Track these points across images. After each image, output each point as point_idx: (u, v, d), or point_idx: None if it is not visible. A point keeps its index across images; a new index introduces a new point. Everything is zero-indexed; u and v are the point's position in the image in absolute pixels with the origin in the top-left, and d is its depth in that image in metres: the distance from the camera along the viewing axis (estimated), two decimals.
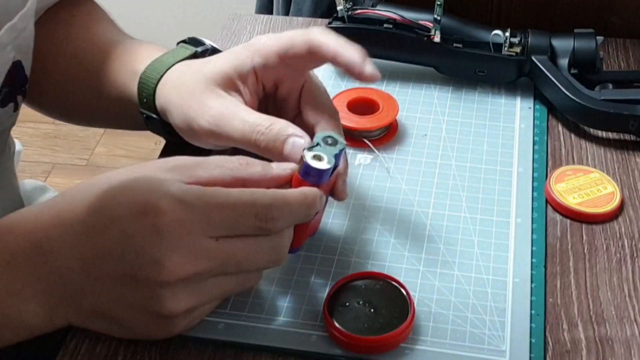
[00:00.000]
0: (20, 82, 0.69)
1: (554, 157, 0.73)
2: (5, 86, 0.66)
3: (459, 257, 0.62)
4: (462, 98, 0.80)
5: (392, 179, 0.70)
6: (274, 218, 0.52)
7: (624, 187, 0.70)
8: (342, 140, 0.57)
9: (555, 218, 0.67)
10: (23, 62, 0.68)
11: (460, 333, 0.57)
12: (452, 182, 0.70)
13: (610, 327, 0.58)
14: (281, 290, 0.60)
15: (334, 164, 0.55)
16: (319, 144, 0.56)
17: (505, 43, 0.78)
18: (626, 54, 0.87)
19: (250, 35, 0.90)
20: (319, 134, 0.57)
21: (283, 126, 0.59)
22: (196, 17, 2.23)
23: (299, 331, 0.57)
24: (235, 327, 0.57)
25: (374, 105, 0.75)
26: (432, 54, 0.79)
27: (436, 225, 0.65)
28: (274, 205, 0.52)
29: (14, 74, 0.67)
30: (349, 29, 0.80)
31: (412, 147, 0.73)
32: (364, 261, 0.62)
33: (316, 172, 0.55)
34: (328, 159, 0.55)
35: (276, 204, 0.52)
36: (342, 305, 0.57)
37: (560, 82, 0.75)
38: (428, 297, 0.59)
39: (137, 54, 0.72)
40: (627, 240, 0.65)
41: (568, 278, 0.62)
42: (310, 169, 0.55)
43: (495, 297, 0.59)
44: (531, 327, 0.57)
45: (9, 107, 0.69)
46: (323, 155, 0.55)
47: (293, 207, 0.53)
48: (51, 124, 2.17)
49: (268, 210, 0.52)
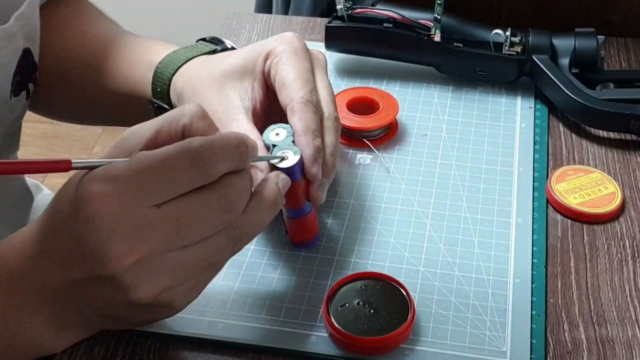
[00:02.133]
0: (30, 70, 0.69)
1: (555, 157, 0.73)
2: (16, 75, 0.66)
3: (459, 257, 0.62)
4: (462, 97, 0.79)
5: (392, 179, 0.70)
6: (208, 158, 0.48)
7: (625, 187, 0.69)
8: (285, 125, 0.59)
9: (556, 218, 0.66)
10: (32, 49, 0.68)
11: (461, 334, 0.56)
12: (453, 182, 0.69)
13: (612, 327, 0.58)
14: (281, 291, 0.60)
15: (300, 153, 0.57)
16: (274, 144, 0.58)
17: (505, 42, 0.78)
18: (627, 53, 0.87)
19: (250, 34, 0.90)
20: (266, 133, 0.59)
21: None
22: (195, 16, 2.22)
23: (299, 331, 0.57)
24: (234, 327, 0.57)
25: (374, 105, 0.75)
26: (432, 53, 0.79)
27: (436, 225, 0.65)
28: (203, 146, 0.49)
29: (24, 62, 0.67)
30: (348, 28, 0.80)
31: (412, 147, 0.73)
32: (363, 261, 0.62)
33: (289, 170, 0.56)
34: (294, 151, 0.57)
35: (205, 145, 0.49)
36: (341, 306, 0.57)
37: (561, 81, 0.75)
38: (428, 298, 0.59)
39: (151, 48, 0.72)
40: (629, 240, 0.64)
41: (569, 278, 0.61)
42: (282, 171, 0.56)
43: (496, 297, 0.59)
44: (532, 327, 0.57)
45: (22, 96, 0.69)
46: (287, 151, 0.57)
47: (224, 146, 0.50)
48: (49, 123, 2.15)
49: (199, 152, 0.48)
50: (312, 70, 0.62)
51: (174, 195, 0.48)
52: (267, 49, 0.63)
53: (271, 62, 0.62)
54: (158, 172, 0.48)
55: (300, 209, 0.59)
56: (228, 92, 0.62)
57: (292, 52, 0.62)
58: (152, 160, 0.48)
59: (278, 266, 0.61)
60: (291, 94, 0.60)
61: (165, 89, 0.67)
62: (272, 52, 0.62)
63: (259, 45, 0.64)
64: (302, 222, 0.61)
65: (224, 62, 0.64)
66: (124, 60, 0.73)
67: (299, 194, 0.58)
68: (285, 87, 0.60)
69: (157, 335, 0.57)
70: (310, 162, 0.57)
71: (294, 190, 0.57)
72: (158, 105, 0.69)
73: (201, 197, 0.49)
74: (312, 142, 0.58)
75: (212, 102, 0.62)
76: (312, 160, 0.57)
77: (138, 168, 0.48)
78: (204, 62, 0.66)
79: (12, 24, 0.64)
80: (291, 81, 0.60)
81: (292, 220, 0.60)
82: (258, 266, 0.61)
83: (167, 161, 0.48)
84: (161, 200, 0.48)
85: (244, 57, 0.64)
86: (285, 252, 0.63)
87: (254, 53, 0.63)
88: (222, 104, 0.62)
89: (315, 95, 0.60)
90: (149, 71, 0.69)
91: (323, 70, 0.64)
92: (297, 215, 0.60)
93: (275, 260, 0.62)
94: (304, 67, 0.61)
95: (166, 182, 0.48)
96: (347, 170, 0.70)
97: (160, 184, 0.48)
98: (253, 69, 0.63)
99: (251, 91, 0.63)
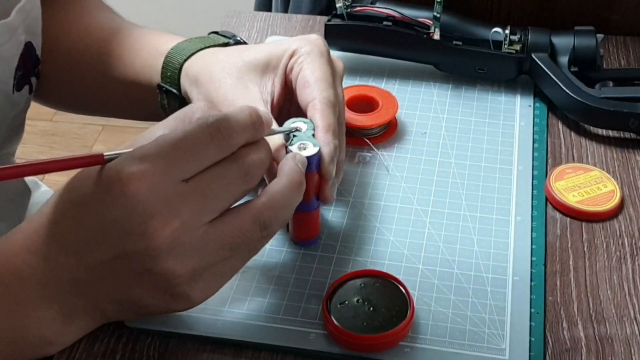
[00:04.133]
0: (32, 64, 0.69)
1: (554, 155, 0.73)
2: (19, 69, 0.66)
3: (459, 255, 0.62)
4: (461, 96, 0.79)
5: (392, 177, 0.70)
6: (226, 130, 0.51)
7: (624, 185, 0.69)
8: (307, 120, 0.60)
9: (555, 216, 0.66)
10: (33, 42, 0.68)
11: (460, 331, 0.57)
12: (452, 180, 0.69)
13: (610, 325, 0.58)
14: (280, 288, 0.60)
15: (319, 146, 0.58)
16: (294, 134, 0.59)
17: (505, 40, 0.78)
18: (626, 51, 0.87)
19: (249, 32, 0.90)
20: (287, 124, 0.60)
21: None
22: (195, 13, 2.22)
23: (298, 329, 0.57)
24: (234, 324, 0.57)
25: (374, 103, 0.75)
26: (431, 51, 0.79)
27: (436, 223, 0.65)
28: (220, 119, 0.51)
29: (26, 56, 0.68)
30: (348, 27, 0.80)
31: (411, 145, 0.73)
32: (363, 259, 0.62)
33: (309, 159, 0.57)
34: (313, 143, 0.58)
35: (222, 118, 0.51)
36: (341, 304, 0.57)
37: (560, 80, 0.75)
38: (427, 296, 0.59)
39: (159, 37, 0.73)
40: (627, 238, 0.65)
41: (568, 276, 0.61)
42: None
43: (495, 295, 0.59)
44: (531, 325, 0.57)
45: (25, 90, 0.69)
46: (307, 143, 0.58)
47: (239, 118, 0.52)
48: (49, 121, 2.16)
49: (217, 126, 0.51)
50: (334, 76, 0.63)
51: (199, 169, 0.50)
52: (293, 48, 0.63)
53: (295, 60, 0.63)
54: (183, 148, 0.50)
55: (309, 203, 0.59)
56: (248, 83, 0.63)
57: (318, 53, 0.63)
58: (175, 138, 0.50)
59: (277, 264, 0.62)
60: (314, 92, 0.61)
61: (176, 74, 0.68)
62: (298, 50, 0.63)
63: (285, 42, 0.65)
64: (307, 218, 0.61)
65: (247, 54, 0.65)
66: (130, 49, 0.73)
67: (310, 187, 0.58)
68: (309, 85, 0.61)
69: (157, 332, 0.57)
70: (328, 159, 0.58)
71: (307, 182, 0.57)
72: (166, 90, 0.69)
73: (223, 169, 0.51)
74: (332, 141, 0.59)
75: (231, 91, 0.63)
76: (331, 158, 0.59)
77: (164, 146, 0.49)
78: (220, 52, 0.67)
79: (14, 17, 0.64)
80: (315, 81, 0.61)
81: (298, 214, 0.60)
82: (257, 264, 0.61)
83: (189, 137, 0.50)
84: (189, 175, 0.50)
85: (269, 51, 0.64)
86: (285, 249, 0.63)
87: (280, 49, 0.64)
88: (240, 94, 0.63)
89: (336, 99, 0.62)
90: (158, 57, 0.70)
91: (340, 79, 0.65)
92: (305, 210, 0.60)
93: (275, 258, 0.62)
94: (328, 71, 0.63)
95: (191, 157, 0.50)
96: (346, 168, 0.70)
97: (186, 159, 0.50)
98: (277, 65, 0.64)
99: (270, 86, 0.63)
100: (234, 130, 0.51)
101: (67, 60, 0.76)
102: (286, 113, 0.64)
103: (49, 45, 0.73)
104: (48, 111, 1.61)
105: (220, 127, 0.51)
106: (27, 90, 0.70)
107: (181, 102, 0.69)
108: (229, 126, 0.51)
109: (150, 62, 0.71)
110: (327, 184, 0.59)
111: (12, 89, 0.68)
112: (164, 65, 0.69)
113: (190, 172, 0.50)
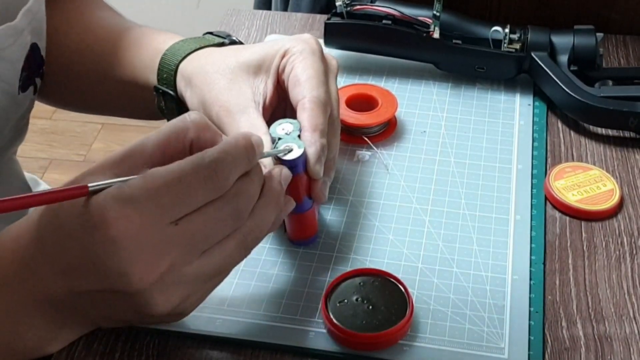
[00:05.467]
0: (37, 65, 0.69)
1: (553, 154, 0.73)
2: (24, 70, 0.66)
3: (458, 254, 0.62)
4: (461, 94, 0.79)
5: (391, 176, 0.70)
6: (222, 172, 0.49)
7: (624, 184, 0.69)
8: (294, 121, 0.59)
9: (555, 215, 0.66)
10: (39, 43, 0.68)
11: (459, 330, 0.57)
12: (451, 179, 0.69)
13: (609, 324, 0.58)
14: (279, 287, 0.60)
15: (304, 147, 0.58)
16: (280, 137, 0.58)
17: (504, 39, 0.78)
18: (626, 50, 0.87)
19: (249, 30, 0.90)
20: (274, 127, 0.59)
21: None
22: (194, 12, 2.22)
23: (297, 328, 0.57)
24: (233, 323, 0.57)
25: (373, 102, 0.75)
26: (431, 50, 0.79)
27: (435, 222, 0.65)
28: (216, 160, 0.49)
29: (31, 57, 0.68)
30: (347, 25, 0.80)
31: (411, 144, 0.73)
32: (362, 258, 0.62)
33: (292, 162, 0.57)
34: (298, 145, 0.58)
35: (218, 158, 0.49)
36: (340, 302, 0.57)
37: (559, 78, 0.75)
38: (427, 294, 0.59)
39: (158, 37, 0.73)
40: (627, 237, 0.65)
41: (567, 275, 0.61)
42: (285, 163, 0.57)
43: (494, 294, 0.59)
44: (530, 324, 0.57)
45: (29, 91, 0.69)
46: (292, 145, 0.58)
47: (235, 155, 0.50)
48: (48, 119, 2.16)
49: (213, 168, 0.49)
50: (327, 74, 0.63)
51: (189, 211, 0.49)
52: (286, 47, 0.63)
53: (287, 59, 0.63)
54: (174, 190, 0.48)
55: (300, 205, 0.59)
56: (241, 84, 0.63)
57: (310, 52, 0.62)
58: (167, 179, 0.48)
59: (277, 262, 0.62)
60: (304, 91, 0.60)
61: (172, 75, 0.68)
62: (290, 50, 0.63)
63: (278, 42, 0.64)
64: (301, 219, 0.61)
65: (241, 54, 0.65)
66: (129, 48, 0.73)
67: (300, 188, 0.58)
68: (300, 84, 0.61)
69: (156, 331, 0.57)
70: (314, 159, 0.58)
71: (295, 184, 0.57)
72: (162, 92, 0.69)
73: (215, 209, 0.50)
74: (319, 140, 0.58)
75: (224, 92, 0.62)
76: (316, 158, 0.58)
77: (154, 187, 0.47)
78: (215, 52, 0.67)
79: (20, 20, 0.64)
80: (306, 79, 0.61)
81: (292, 216, 0.60)
82: (257, 262, 0.61)
83: (182, 179, 0.48)
84: (178, 217, 0.48)
85: (262, 52, 0.64)
86: (284, 248, 0.63)
87: (272, 50, 0.64)
88: (233, 96, 0.62)
89: (327, 97, 0.61)
90: (155, 58, 0.69)
91: (334, 76, 0.65)
92: (297, 211, 0.60)
93: (274, 257, 0.62)
94: (320, 69, 0.62)
95: (182, 200, 0.48)
96: (345, 167, 0.70)
97: (177, 202, 0.48)
98: (269, 65, 0.63)
99: (263, 87, 0.63)
100: (230, 173, 0.50)
101: (68, 59, 0.76)
102: (282, 113, 0.64)
103: (49, 44, 0.73)
104: (47, 109, 1.61)
105: (216, 169, 0.49)
106: (31, 91, 0.70)
107: (178, 103, 0.69)
108: (225, 166, 0.49)
109: (148, 63, 0.71)
110: (317, 184, 0.59)
111: (18, 90, 0.68)
112: (160, 67, 0.69)
113: (180, 214, 0.48)
